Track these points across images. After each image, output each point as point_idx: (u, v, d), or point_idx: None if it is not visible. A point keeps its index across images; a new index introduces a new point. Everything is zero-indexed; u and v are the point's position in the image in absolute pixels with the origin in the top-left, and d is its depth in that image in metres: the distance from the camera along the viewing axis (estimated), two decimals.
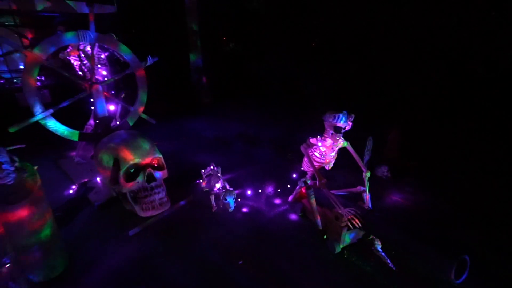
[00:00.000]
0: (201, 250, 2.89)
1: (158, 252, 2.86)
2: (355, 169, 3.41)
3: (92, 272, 2.62)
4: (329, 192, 3.00)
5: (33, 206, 2.24)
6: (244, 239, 3.04)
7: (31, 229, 2.26)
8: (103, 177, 3.38)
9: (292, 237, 3.09)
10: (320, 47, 9.47)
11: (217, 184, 3.37)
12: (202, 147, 5.55)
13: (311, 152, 3.17)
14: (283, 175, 4.28)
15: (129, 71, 3.97)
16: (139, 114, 4.15)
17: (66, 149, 4.99)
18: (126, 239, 3.02)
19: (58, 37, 3.33)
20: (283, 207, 3.57)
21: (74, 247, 2.86)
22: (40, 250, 2.38)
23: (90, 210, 3.50)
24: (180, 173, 4.17)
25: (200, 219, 3.34)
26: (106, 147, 3.22)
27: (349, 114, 2.97)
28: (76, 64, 4.16)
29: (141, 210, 3.19)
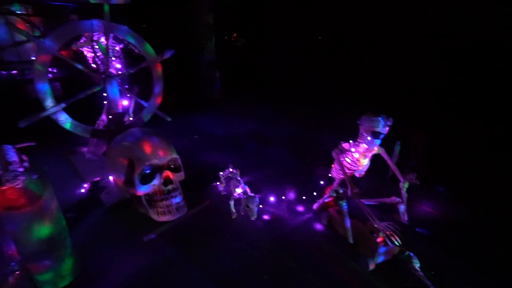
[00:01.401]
0: (220, 261, 2.66)
1: (173, 262, 2.64)
2: (382, 175, 3.14)
3: (103, 283, 2.41)
4: (362, 203, 2.73)
5: (42, 211, 2.03)
6: (267, 250, 2.80)
7: (40, 236, 2.05)
8: (115, 178, 3.17)
9: (319, 250, 2.84)
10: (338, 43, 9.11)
11: (238, 189, 3.13)
12: (214, 145, 5.31)
13: (342, 158, 2.90)
14: (303, 180, 4.01)
15: (144, 65, 3.74)
16: (155, 110, 3.93)
17: (77, 144, 4.80)
18: (139, 246, 2.81)
19: (72, 26, 3.11)
20: (307, 216, 3.31)
21: (85, 252, 2.65)
22: (50, 258, 2.17)
23: (101, 211, 3.30)
24: (192, 174, 3.93)
25: (218, 226, 3.10)
26: (120, 146, 3.00)
27: (387, 117, 2.68)
28: (89, 56, 3.95)
29: (156, 214, 2.98)
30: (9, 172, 1.87)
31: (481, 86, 6.39)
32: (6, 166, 1.89)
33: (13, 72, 5.39)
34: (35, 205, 1.97)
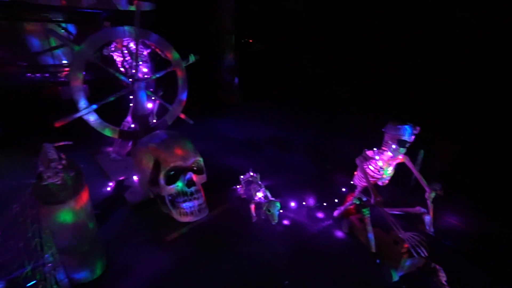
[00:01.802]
0: (241, 264, 2.68)
1: (195, 263, 2.68)
2: (404, 184, 3.07)
3: (128, 279, 2.49)
4: (386, 212, 2.68)
5: (78, 207, 2.14)
6: (287, 255, 2.80)
7: (74, 230, 2.16)
8: (141, 178, 3.27)
9: (339, 258, 2.80)
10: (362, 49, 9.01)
11: (259, 193, 3.15)
12: (232, 149, 5.36)
13: (365, 166, 2.87)
14: (322, 186, 3.99)
15: (170, 69, 3.87)
16: (178, 113, 4.04)
17: (102, 144, 5.00)
18: (162, 245, 2.88)
19: (105, 33, 3.28)
20: (327, 222, 3.29)
21: (110, 249, 2.74)
22: (81, 252, 2.28)
23: (126, 209, 3.41)
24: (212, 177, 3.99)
25: (238, 230, 3.13)
26: (147, 147, 3.11)
27: (414, 126, 2.63)
28: (119, 61, 4.12)
29: (178, 215, 3.05)
30: (51, 169, 1.99)
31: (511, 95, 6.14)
32: (48, 164, 2.01)
33: (46, 75, 5.66)
34: (71, 200, 2.07)
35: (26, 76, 5.41)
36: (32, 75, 5.49)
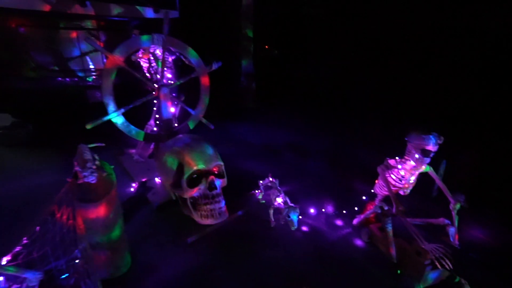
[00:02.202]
0: (259, 268, 2.72)
1: (215, 266, 2.74)
2: (425, 195, 3.01)
3: (151, 278, 2.58)
4: (408, 222, 2.65)
5: (109, 205, 2.26)
6: (305, 262, 2.81)
7: (105, 227, 2.27)
8: (164, 179, 3.39)
9: (358, 267, 2.79)
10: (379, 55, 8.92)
11: (278, 199, 3.19)
12: (251, 154, 5.42)
13: (387, 175, 2.85)
14: (341, 194, 3.97)
15: (194, 75, 4.00)
16: (200, 118, 4.16)
17: (126, 146, 5.19)
18: (183, 246, 2.96)
19: (135, 40, 3.45)
20: (346, 230, 3.28)
21: (134, 248, 2.85)
22: (110, 249, 2.38)
23: (148, 210, 3.53)
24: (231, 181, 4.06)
25: (257, 234, 3.18)
26: (171, 150, 3.22)
27: (438, 136, 2.60)
28: (145, 67, 4.30)
29: (199, 217, 3.12)
30: (87, 169, 2.12)
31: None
32: (84, 164, 2.13)
33: (75, 79, 5.94)
34: (104, 198, 2.19)
35: (57, 80, 5.68)
36: (62, 79, 5.77)
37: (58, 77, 5.58)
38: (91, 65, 6.06)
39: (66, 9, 4.95)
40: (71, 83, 5.89)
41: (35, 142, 5.57)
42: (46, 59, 5.20)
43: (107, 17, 5.29)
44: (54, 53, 5.29)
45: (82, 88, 5.82)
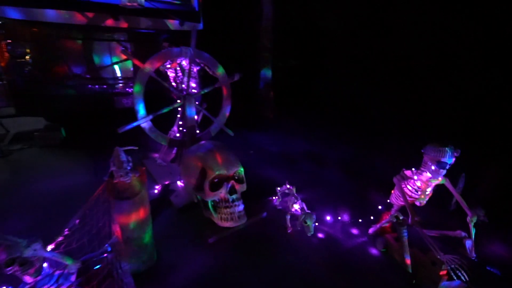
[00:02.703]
0: (276, 271, 2.83)
1: (234, 265, 2.88)
2: (441, 206, 3.01)
3: (175, 273, 2.75)
4: (423, 232, 2.70)
5: (140, 203, 2.46)
6: (321, 268, 2.90)
7: (136, 223, 2.47)
8: (186, 183, 3.58)
9: (374, 275, 2.84)
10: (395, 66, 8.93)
11: (295, 205, 3.31)
12: (268, 162, 5.55)
13: (403, 185, 2.92)
14: (357, 203, 4.02)
15: (217, 85, 4.23)
16: (221, 125, 4.38)
17: (149, 150, 5.47)
18: (204, 246, 3.13)
19: (165, 53, 3.73)
20: (361, 239, 3.34)
21: (159, 245, 3.03)
22: (138, 244, 2.58)
23: (171, 211, 3.74)
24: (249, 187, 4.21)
25: (274, 238, 3.30)
26: (195, 155, 3.43)
27: (454, 148, 2.66)
28: (171, 76, 4.58)
29: (219, 219, 3.28)
30: (123, 169, 2.34)
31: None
32: (120, 165, 2.36)
33: (103, 86, 6.33)
34: (137, 197, 2.40)
35: (88, 87, 6.08)
36: (93, 86, 6.17)
37: (89, 84, 5.96)
38: (119, 74, 6.43)
39: (101, 22, 5.38)
40: (100, 90, 6.27)
41: (67, 144, 5.98)
42: (81, 68, 5.61)
43: (137, 30, 5.68)
44: (88, 63, 5.70)
45: (110, 95, 6.18)
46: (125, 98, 6.20)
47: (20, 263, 1.92)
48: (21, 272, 1.94)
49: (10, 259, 1.90)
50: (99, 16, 5.32)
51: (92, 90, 6.12)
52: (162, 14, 5.81)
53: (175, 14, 6.12)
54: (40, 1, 4.79)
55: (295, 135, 7.21)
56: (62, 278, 2.10)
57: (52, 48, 5.38)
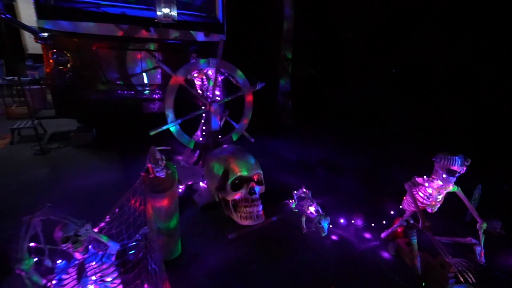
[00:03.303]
0: (291, 267, 3.03)
1: (251, 260, 3.11)
2: (453, 215, 3.09)
3: (197, 264, 3.01)
4: (433, 237, 2.83)
5: (171, 198, 2.76)
6: (334, 268, 3.07)
7: (167, 215, 2.77)
8: (209, 183, 3.87)
9: (385, 277, 2.98)
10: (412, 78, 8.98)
11: (311, 208, 3.51)
12: (285, 168, 5.76)
13: (415, 192, 3.06)
14: (371, 210, 4.16)
15: (240, 94, 4.55)
16: (242, 131, 4.67)
17: (174, 153, 5.84)
18: (224, 241, 3.38)
19: (195, 63, 4.09)
20: (374, 243, 3.48)
21: (183, 239, 3.31)
22: (167, 235, 2.87)
23: (194, 209, 4.02)
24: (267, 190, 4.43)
25: (289, 238, 3.50)
26: (218, 157, 3.72)
27: (465, 158, 2.80)
28: (198, 85, 4.94)
29: (239, 218, 3.53)
30: (158, 166, 2.65)
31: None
32: (157, 162, 2.67)
33: (131, 92, 6.79)
34: (169, 191, 2.70)
35: (118, 92, 6.55)
36: (122, 92, 6.64)
37: (120, 90, 6.42)
38: (147, 81, 6.87)
39: (134, 33, 5.87)
40: (129, 95, 6.72)
41: (98, 144, 6.47)
42: (114, 75, 6.09)
43: (165, 40, 6.14)
44: (120, 70, 6.17)
45: (139, 100, 6.63)
46: (152, 103, 6.65)
47: (73, 241, 2.25)
48: (73, 249, 2.28)
49: (65, 237, 2.24)
50: (133, 28, 5.83)
51: (123, 95, 6.59)
52: (190, 26, 6.26)
53: (201, 26, 6.56)
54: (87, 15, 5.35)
55: (312, 143, 7.41)
56: (105, 257, 2.41)
57: (89, 57, 5.91)
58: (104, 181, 4.67)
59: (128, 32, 5.84)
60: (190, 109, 4.43)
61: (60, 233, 2.26)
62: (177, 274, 2.87)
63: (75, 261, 2.33)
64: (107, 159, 5.67)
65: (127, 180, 4.73)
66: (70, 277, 2.27)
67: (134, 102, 6.61)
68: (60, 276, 2.26)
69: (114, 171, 5.08)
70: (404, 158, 6.24)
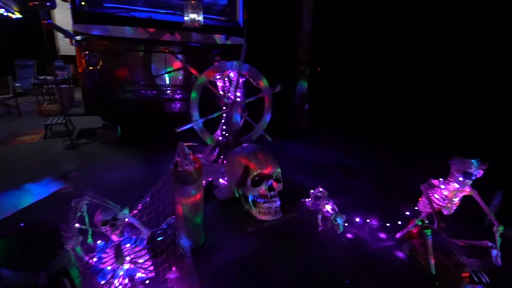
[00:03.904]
0: (307, 261, 3.18)
1: (269, 253, 3.27)
2: (470, 221, 3.14)
3: (219, 254, 3.20)
4: (448, 238, 2.90)
5: (198, 190, 2.98)
6: (348, 264, 3.18)
7: (193, 206, 2.99)
8: (230, 179, 4.07)
9: (399, 275, 3.07)
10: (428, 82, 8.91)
11: (327, 206, 3.64)
12: (301, 169, 5.88)
13: (431, 194, 3.15)
14: (385, 211, 4.23)
15: (261, 95, 4.74)
16: (261, 131, 4.86)
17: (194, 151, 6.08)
18: (243, 234, 3.56)
19: (220, 66, 4.32)
20: (388, 243, 3.56)
21: (205, 230, 3.51)
22: (194, 223, 3.09)
23: (214, 203, 4.23)
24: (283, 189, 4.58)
25: (305, 234, 3.64)
26: (239, 155, 3.92)
27: (482, 162, 2.87)
28: (219, 86, 5.18)
29: (258, 213, 3.71)
30: (187, 160, 2.88)
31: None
32: (186, 156, 2.90)
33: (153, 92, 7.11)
34: (196, 183, 2.92)
35: (142, 92, 6.89)
36: (146, 92, 6.98)
37: (145, 90, 6.76)
38: (170, 82, 7.18)
39: (159, 37, 6.20)
40: (153, 95, 7.05)
41: (123, 141, 6.84)
42: (139, 75, 6.42)
43: (188, 43, 6.44)
44: (146, 71, 6.51)
45: (162, 100, 6.95)
46: (173, 103, 6.96)
47: (111, 224, 2.49)
48: (111, 232, 2.52)
49: (105, 220, 2.48)
50: (159, 31, 6.16)
51: (147, 95, 6.93)
52: (212, 29, 6.54)
53: (222, 30, 6.83)
54: (117, 20, 5.73)
55: (327, 146, 7.50)
56: (138, 240, 2.64)
57: (118, 59, 6.28)
58: (131, 175, 4.97)
59: (154, 35, 6.18)
60: (211, 109, 4.66)
61: (100, 217, 2.52)
62: (200, 261, 3.08)
63: (111, 243, 2.57)
64: (132, 155, 6.00)
65: (152, 175, 5.01)
66: (108, 256, 2.51)
67: (157, 101, 6.95)
68: (100, 255, 2.51)
69: (140, 166, 5.39)
70: (419, 162, 6.24)
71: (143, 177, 4.99)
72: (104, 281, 2.41)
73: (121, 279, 2.50)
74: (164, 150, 6.38)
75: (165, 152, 6.23)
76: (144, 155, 5.99)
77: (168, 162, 5.70)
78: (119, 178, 4.85)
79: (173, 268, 2.68)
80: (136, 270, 2.59)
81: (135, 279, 2.58)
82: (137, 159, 5.79)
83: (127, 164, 5.53)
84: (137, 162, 5.64)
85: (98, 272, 2.44)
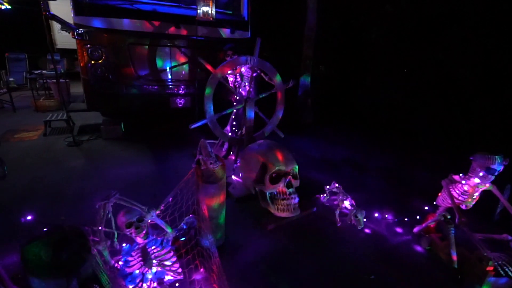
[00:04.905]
0: (328, 256, 3.19)
1: (290, 250, 3.27)
2: (479, 214, 3.22)
3: (240, 252, 3.18)
4: (470, 232, 2.94)
5: (222, 188, 2.94)
6: (371, 259, 3.21)
7: (217, 205, 2.95)
8: (246, 176, 4.03)
9: (421, 269, 3.11)
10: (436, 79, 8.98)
11: (346, 202, 3.65)
12: (311, 165, 5.85)
13: (451, 189, 3.17)
14: (399, 206, 4.26)
15: (274, 91, 4.69)
16: (274, 127, 4.82)
17: None
18: (264, 232, 3.55)
19: (235, 60, 4.24)
20: (406, 237, 3.60)
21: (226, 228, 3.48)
22: (216, 222, 3.05)
23: (229, 201, 4.17)
24: None
25: (324, 230, 3.65)
26: (256, 151, 3.88)
27: (504, 157, 2.89)
28: (231, 81, 5.09)
29: (276, 210, 3.69)
30: (211, 158, 2.82)
31: None
32: (209, 154, 2.84)
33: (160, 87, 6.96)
34: (219, 182, 2.87)
35: (147, 88, 6.75)
36: (151, 87, 6.83)
37: (150, 85, 6.61)
38: (175, 77, 7.03)
39: (164, 30, 6.05)
40: (157, 90, 6.91)
41: (126, 137, 6.70)
42: (144, 70, 6.27)
43: (193, 37, 6.31)
44: (151, 66, 6.36)
45: (167, 95, 6.82)
46: (178, 99, 6.84)
47: (136, 227, 2.44)
48: (135, 234, 2.46)
49: (129, 222, 2.42)
50: (164, 24, 6.01)
51: (152, 90, 6.79)
52: (217, 23, 6.41)
53: (227, 24, 6.71)
54: (121, 12, 5.55)
55: (333, 142, 7.50)
56: (164, 242, 2.60)
57: (122, 53, 6.10)
58: (140, 172, 4.89)
59: (159, 28, 6.02)
60: (221, 105, 4.58)
61: (123, 219, 2.46)
62: (224, 260, 3.04)
63: (136, 245, 2.51)
64: (138, 151, 5.90)
65: (162, 172, 4.94)
66: (134, 260, 2.46)
67: (162, 97, 6.81)
68: (126, 258, 2.45)
69: (147, 163, 5.30)
70: (428, 159, 6.31)
71: (152, 174, 4.91)
72: (133, 285, 2.36)
73: (150, 283, 2.45)
74: (170, 146, 6.30)
75: (172, 148, 6.15)
76: (151, 152, 5.90)
77: (176, 158, 5.64)
78: (129, 176, 4.76)
79: (201, 269, 2.64)
80: (164, 273, 2.55)
81: (164, 282, 2.54)
82: (144, 155, 5.70)
83: (134, 161, 5.42)
84: (144, 158, 5.55)
85: (126, 276, 2.39)
